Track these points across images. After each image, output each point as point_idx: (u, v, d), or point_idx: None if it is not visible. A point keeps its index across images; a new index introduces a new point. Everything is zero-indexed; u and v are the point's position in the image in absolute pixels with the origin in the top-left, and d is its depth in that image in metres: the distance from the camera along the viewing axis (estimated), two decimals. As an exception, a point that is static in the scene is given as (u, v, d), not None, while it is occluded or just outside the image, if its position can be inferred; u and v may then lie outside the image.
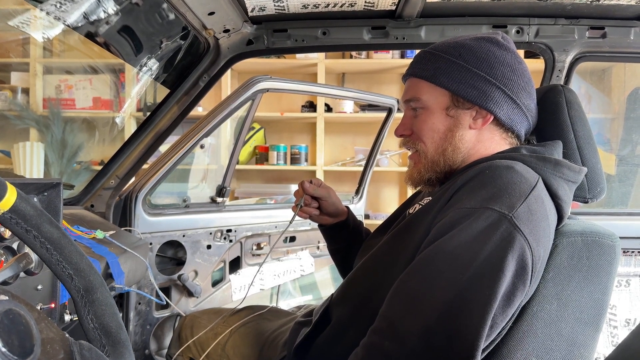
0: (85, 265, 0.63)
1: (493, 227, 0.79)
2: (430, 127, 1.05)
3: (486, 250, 0.78)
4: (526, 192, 0.84)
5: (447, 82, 1.02)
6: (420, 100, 1.06)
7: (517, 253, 0.79)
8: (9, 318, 0.49)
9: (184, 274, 2.05)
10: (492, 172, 0.89)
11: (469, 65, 1.01)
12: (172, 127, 1.82)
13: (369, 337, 0.84)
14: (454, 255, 0.80)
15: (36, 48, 3.75)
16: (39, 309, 0.73)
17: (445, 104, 1.03)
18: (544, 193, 0.90)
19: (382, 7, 1.58)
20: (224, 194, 2.25)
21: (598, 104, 3.50)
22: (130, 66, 3.65)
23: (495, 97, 1.00)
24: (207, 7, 1.44)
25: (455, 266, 0.79)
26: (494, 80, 1.00)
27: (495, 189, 0.85)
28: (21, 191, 0.58)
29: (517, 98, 1.01)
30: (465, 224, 0.81)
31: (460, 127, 1.03)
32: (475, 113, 1.02)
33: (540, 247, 0.82)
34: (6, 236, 0.98)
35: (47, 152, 3.58)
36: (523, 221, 0.80)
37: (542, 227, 0.83)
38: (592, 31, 1.64)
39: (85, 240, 1.41)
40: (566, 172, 0.95)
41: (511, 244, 0.78)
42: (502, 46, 1.04)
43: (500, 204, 0.81)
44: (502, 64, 1.01)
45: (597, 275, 0.91)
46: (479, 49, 1.02)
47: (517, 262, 0.79)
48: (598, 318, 0.91)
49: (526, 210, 0.81)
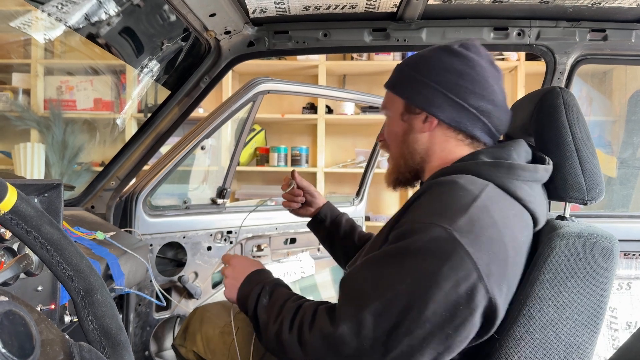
0: (85, 267, 0.63)
1: (435, 240, 0.86)
2: (392, 131, 1.18)
3: (426, 261, 0.85)
4: (467, 205, 0.89)
5: (401, 91, 1.15)
6: (386, 108, 1.20)
7: (457, 263, 0.83)
8: (9, 319, 0.48)
9: (184, 276, 2.05)
10: (439, 188, 0.96)
11: (418, 75, 1.11)
12: (173, 128, 1.82)
13: (321, 310, 0.95)
14: (398, 261, 0.88)
15: (37, 49, 3.75)
16: (39, 310, 0.73)
17: (400, 110, 1.15)
18: (494, 200, 0.93)
19: (383, 9, 1.58)
20: (224, 196, 2.25)
21: (599, 107, 3.50)
22: (131, 67, 3.65)
23: (437, 102, 1.08)
24: (208, 9, 1.44)
25: (396, 271, 0.88)
26: (438, 86, 1.08)
27: (440, 204, 0.92)
28: (22, 192, 0.58)
29: (464, 101, 1.06)
30: (412, 237, 0.88)
31: (413, 131, 1.13)
32: (425, 117, 1.10)
33: (485, 253, 0.85)
34: (6, 237, 0.98)
35: (48, 153, 3.58)
36: (463, 233, 0.85)
37: (489, 234, 0.87)
38: (593, 34, 1.64)
39: (86, 241, 1.41)
40: (521, 173, 0.99)
41: (450, 256, 0.84)
42: (454, 53, 1.09)
43: (443, 218, 0.87)
44: (448, 70, 1.08)
45: (594, 277, 0.91)
46: (431, 59, 1.11)
47: (456, 272, 0.83)
48: (596, 320, 0.91)
49: (467, 222, 0.86)
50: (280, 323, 0.98)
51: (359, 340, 0.87)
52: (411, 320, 0.84)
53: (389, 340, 0.86)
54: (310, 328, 0.93)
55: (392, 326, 0.85)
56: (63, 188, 1.03)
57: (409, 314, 0.84)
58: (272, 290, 1.08)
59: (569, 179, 1.03)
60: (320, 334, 0.91)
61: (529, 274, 0.92)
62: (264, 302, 1.05)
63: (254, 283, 1.11)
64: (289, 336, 0.96)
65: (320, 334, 0.91)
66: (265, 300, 1.06)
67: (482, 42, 1.66)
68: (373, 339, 0.86)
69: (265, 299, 1.06)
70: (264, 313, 1.04)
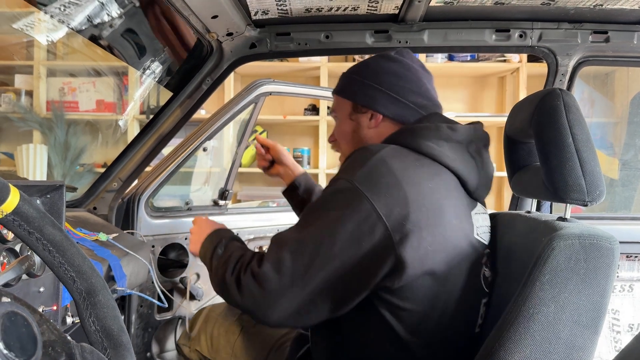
0: (87, 268, 0.63)
1: (339, 190, 1.04)
2: (342, 131, 1.31)
3: (333, 204, 1.03)
4: (366, 160, 1.04)
5: (348, 93, 1.29)
6: (334, 110, 1.34)
7: (356, 205, 0.99)
8: (11, 320, 0.49)
9: (186, 277, 2.05)
10: (352, 154, 1.13)
11: (361, 78, 1.26)
12: (175, 130, 1.82)
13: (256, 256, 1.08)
14: (312, 210, 1.07)
15: (40, 51, 3.76)
16: (41, 312, 0.73)
17: (348, 111, 1.29)
18: (393, 155, 1.07)
19: (385, 11, 1.58)
20: (226, 197, 2.25)
21: (601, 108, 3.49)
22: (133, 69, 3.65)
23: (381, 100, 1.23)
24: (210, 11, 1.44)
25: (311, 217, 1.05)
26: (380, 86, 1.23)
27: (348, 164, 1.10)
28: (24, 193, 0.58)
29: (403, 98, 1.22)
30: (325, 191, 1.08)
31: (362, 128, 1.27)
32: (371, 115, 1.25)
33: (383, 196, 0.99)
34: (9, 238, 0.98)
35: (50, 155, 3.59)
36: (362, 182, 1.01)
37: (386, 181, 1.01)
38: (595, 35, 1.64)
39: (88, 242, 1.41)
40: (425, 133, 1.13)
41: (351, 198, 1.00)
42: (391, 59, 1.25)
43: (346, 173, 1.05)
44: (388, 73, 1.23)
45: (595, 278, 0.91)
46: (372, 64, 1.27)
47: (358, 213, 0.98)
48: (597, 321, 0.91)
49: (365, 172, 1.02)
50: (225, 267, 1.10)
51: (280, 276, 1.00)
52: (322, 256, 0.98)
53: (306, 275, 0.99)
54: (245, 271, 1.05)
55: (308, 262, 0.99)
56: (65, 189, 1.03)
57: (320, 250, 0.98)
58: (227, 243, 1.20)
59: (569, 180, 1.03)
60: (250, 273, 1.03)
61: (529, 275, 0.92)
62: (219, 253, 1.17)
63: (214, 238, 1.24)
64: (230, 278, 1.07)
65: (250, 274, 1.03)
66: (220, 251, 1.18)
67: (483, 44, 1.67)
68: (292, 275, 0.99)
69: (221, 250, 1.18)
70: (216, 260, 1.16)
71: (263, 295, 1.01)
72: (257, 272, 1.02)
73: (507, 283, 1.13)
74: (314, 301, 1.01)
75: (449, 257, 1.04)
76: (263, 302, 1.02)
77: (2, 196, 0.55)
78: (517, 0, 1.48)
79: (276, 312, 1.01)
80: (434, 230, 1.02)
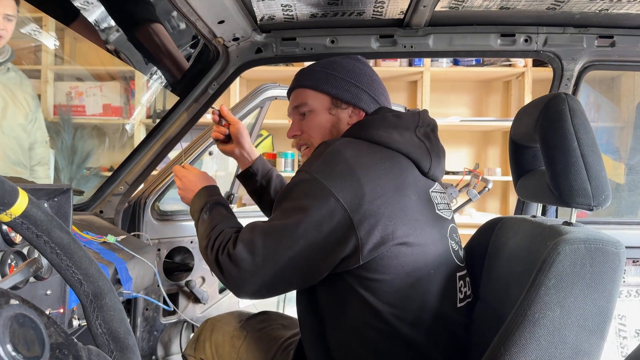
0: (94, 271, 0.63)
1: (301, 181, 1.12)
2: (318, 124, 1.34)
3: (295, 194, 1.11)
4: (322, 152, 1.13)
5: (327, 88, 1.32)
6: (307, 104, 1.34)
7: (316, 193, 1.07)
8: (19, 322, 0.49)
9: (191, 280, 2.06)
10: (314, 150, 1.21)
11: (341, 75, 1.32)
12: (181, 134, 1.83)
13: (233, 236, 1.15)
14: (279, 202, 1.15)
15: (48, 55, 3.79)
16: (48, 314, 0.74)
17: (327, 105, 1.33)
18: (347, 145, 1.15)
19: (391, 16, 1.59)
20: (231, 201, 2.26)
21: (607, 113, 3.48)
22: (140, 73, 3.68)
23: (364, 98, 1.31)
24: (217, 16, 1.45)
25: (278, 208, 1.14)
26: (362, 86, 1.32)
27: (309, 159, 1.18)
28: (32, 197, 0.59)
29: (378, 99, 1.33)
30: (289, 185, 1.15)
31: (341, 123, 1.33)
32: (351, 111, 1.32)
33: (339, 182, 1.07)
34: (17, 241, 0.99)
35: (57, 158, 3.60)
36: (319, 172, 1.10)
37: (340, 169, 1.09)
38: (601, 40, 1.64)
39: (95, 245, 1.42)
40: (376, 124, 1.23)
41: (310, 187, 1.09)
42: (362, 62, 1.36)
43: (306, 166, 1.14)
44: (365, 74, 1.33)
45: (601, 283, 0.91)
46: (347, 64, 1.34)
47: (316, 198, 1.07)
48: (603, 326, 0.91)
49: (321, 163, 1.11)
50: (207, 240, 1.19)
51: (253, 256, 1.08)
52: (289, 237, 1.07)
53: (276, 256, 1.07)
54: (222, 251, 1.13)
55: (276, 243, 1.08)
56: (72, 193, 1.04)
57: (286, 232, 1.07)
58: (211, 207, 1.28)
59: (574, 185, 1.03)
60: (227, 254, 1.12)
61: (534, 279, 0.92)
62: (204, 217, 1.26)
63: (202, 198, 1.32)
64: (210, 254, 1.16)
65: (227, 255, 1.12)
66: (205, 216, 1.26)
67: (489, 49, 1.67)
68: (263, 255, 1.08)
69: (206, 215, 1.27)
70: (201, 226, 1.25)
71: (239, 274, 1.10)
72: (232, 254, 1.10)
73: (513, 287, 1.13)
74: (284, 276, 1.10)
75: (411, 229, 1.11)
76: (239, 280, 1.11)
77: (11, 199, 0.56)
78: (523, 5, 1.48)
79: (250, 287, 1.11)
80: (392, 206, 1.09)
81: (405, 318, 1.11)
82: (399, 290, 1.10)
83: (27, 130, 2.58)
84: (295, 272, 1.10)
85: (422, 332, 1.12)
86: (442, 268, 1.16)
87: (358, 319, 1.13)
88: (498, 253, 1.28)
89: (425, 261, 1.13)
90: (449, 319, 1.16)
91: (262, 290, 1.12)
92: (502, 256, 1.25)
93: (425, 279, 1.13)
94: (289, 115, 1.43)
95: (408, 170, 1.18)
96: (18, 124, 2.51)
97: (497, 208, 3.92)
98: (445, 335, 1.16)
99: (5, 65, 2.46)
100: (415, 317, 1.12)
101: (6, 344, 0.46)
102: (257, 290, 1.12)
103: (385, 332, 1.11)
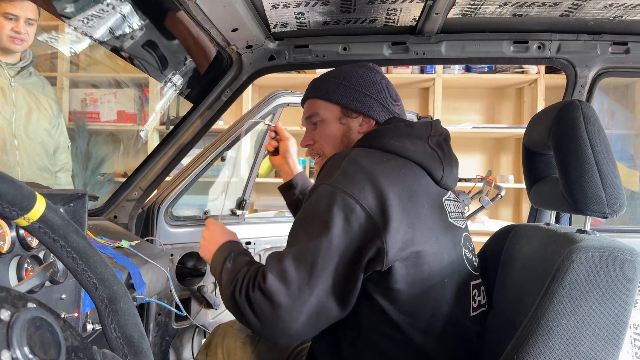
0: (109, 275, 0.64)
1: (323, 194, 1.10)
2: (329, 134, 1.36)
3: (319, 208, 1.09)
4: (339, 163, 1.13)
5: (337, 98, 1.33)
6: (318, 114, 1.37)
7: (340, 202, 1.06)
8: (36, 326, 0.50)
9: (203, 286, 2.06)
10: (326, 162, 1.21)
11: (351, 85, 1.33)
12: (194, 140, 1.84)
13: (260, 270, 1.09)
14: (302, 219, 1.13)
15: (63, 62, 3.84)
16: (64, 318, 0.74)
17: (338, 115, 1.35)
18: (362, 155, 1.16)
19: (403, 23, 1.59)
20: (243, 207, 2.27)
21: (621, 120, 3.45)
22: (154, 80, 3.71)
23: (374, 107, 1.32)
24: (231, 24, 1.46)
25: (303, 225, 1.11)
26: (372, 94, 1.32)
27: (325, 170, 1.17)
28: (50, 202, 0.60)
29: (389, 106, 1.33)
30: (309, 199, 1.14)
31: (351, 132, 1.34)
32: (361, 120, 1.33)
33: (359, 190, 1.07)
34: (33, 245, 1.00)
35: (72, 164, 3.64)
36: (340, 182, 1.09)
37: (359, 177, 1.09)
38: (615, 47, 1.63)
39: (109, 250, 1.43)
40: (388, 133, 1.24)
41: (335, 200, 1.07)
42: (373, 70, 1.37)
43: (326, 178, 1.12)
44: (375, 82, 1.34)
45: (615, 291, 0.90)
46: (357, 73, 1.35)
47: (342, 208, 1.06)
48: (618, 335, 0.90)
49: (341, 174, 1.10)
50: (234, 285, 1.11)
51: (287, 286, 1.02)
52: (323, 257, 1.03)
53: (311, 280, 1.03)
54: (253, 288, 1.06)
55: (310, 266, 1.03)
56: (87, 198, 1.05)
57: (320, 252, 1.03)
58: (235, 257, 1.22)
59: (588, 192, 1.02)
60: (259, 290, 1.04)
61: (548, 287, 0.91)
62: (228, 267, 1.20)
63: (225, 250, 1.26)
64: (239, 296, 1.08)
65: (259, 290, 1.04)
66: (229, 265, 1.20)
67: (501, 56, 1.67)
68: (298, 282, 1.02)
69: (230, 264, 1.21)
70: (225, 275, 1.18)
71: (275, 311, 1.02)
72: (264, 288, 1.03)
73: (526, 295, 1.12)
74: (322, 304, 1.04)
75: (425, 237, 1.10)
76: (275, 319, 1.03)
77: (29, 204, 0.57)
78: (536, 12, 1.47)
79: (290, 326, 1.02)
80: (409, 213, 1.09)
81: (418, 326, 1.10)
82: (413, 298, 1.10)
83: (52, 135, 2.62)
84: (332, 294, 1.05)
85: (434, 340, 1.11)
86: (454, 276, 1.16)
87: (373, 329, 1.12)
88: (511, 261, 1.27)
89: (438, 269, 1.12)
90: (461, 328, 1.16)
91: (299, 328, 1.03)
92: (516, 264, 1.24)
93: (438, 287, 1.12)
94: (303, 124, 1.44)
95: (421, 178, 1.18)
96: (43, 128, 2.55)
97: (510, 215, 3.89)
98: (458, 343, 1.15)
99: (27, 70, 2.50)
100: (428, 325, 1.11)
101: (23, 346, 0.47)
102: (297, 329, 1.03)
103: (399, 341, 1.11)
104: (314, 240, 1.05)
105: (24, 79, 2.48)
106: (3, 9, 2.32)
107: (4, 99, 2.39)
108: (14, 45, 2.37)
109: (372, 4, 1.45)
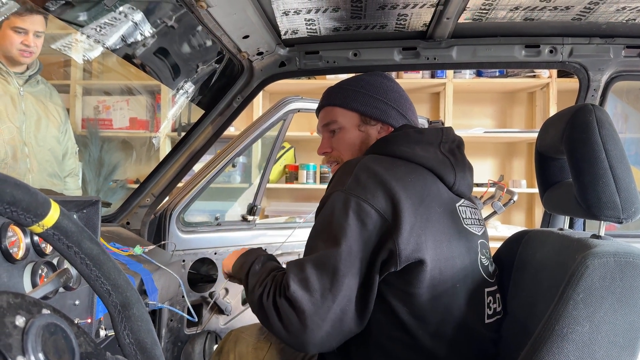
0: (122, 282, 0.64)
1: (337, 200, 1.11)
2: (348, 141, 1.37)
3: (335, 215, 1.10)
4: (352, 170, 1.14)
5: (356, 105, 1.34)
6: (337, 122, 1.37)
7: (355, 207, 1.08)
8: (51, 332, 0.50)
9: (215, 292, 2.07)
10: (337, 170, 1.22)
11: (369, 93, 1.34)
12: (206, 146, 1.85)
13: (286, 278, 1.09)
14: (319, 228, 1.14)
15: (76, 70, 3.88)
16: (77, 324, 0.75)
17: (357, 122, 1.36)
18: (373, 161, 1.16)
19: (413, 28, 1.59)
20: (254, 213, 2.27)
21: (635, 124, 3.41)
22: (166, 88, 3.74)
23: (392, 114, 1.34)
24: (242, 31, 1.47)
25: (321, 234, 1.12)
26: (390, 102, 1.34)
27: (337, 177, 1.18)
28: (63, 208, 0.60)
29: (405, 113, 1.36)
30: (324, 207, 1.15)
31: (370, 139, 1.35)
32: (380, 127, 1.35)
33: (371, 195, 1.09)
34: (47, 252, 1.01)
35: (85, 171, 3.68)
36: (353, 188, 1.10)
37: (372, 183, 1.10)
38: (628, 50, 1.61)
39: (121, 256, 1.44)
40: (398, 140, 1.25)
41: (349, 205, 1.09)
42: (388, 78, 1.39)
43: (339, 185, 1.14)
44: (392, 90, 1.36)
45: (631, 297, 0.89)
46: (374, 81, 1.37)
47: (357, 213, 1.07)
48: (634, 342, 0.88)
49: (354, 180, 1.12)
50: (263, 288, 1.12)
51: (310, 293, 1.04)
52: (344, 263, 1.04)
53: (334, 286, 1.04)
54: (280, 294, 1.08)
55: (332, 273, 1.04)
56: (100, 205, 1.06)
57: (340, 257, 1.04)
58: (264, 261, 1.24)
59: (602, 197, 1.01)
60: (284, 297, 1.06)
61: (562, 293, 0.90)
62: (256, 269, 1.21)
63: (252, 255, 1.28)
64: (267, 300, 1.09)
65: (284, 298, 1.06)
66: (257, 267, 1.22)
67: (513, 60, 1.66)
68: (321, 289, 1.04)
69: (258, 266, 1.22)
70: (253, 277, 1.19)
71: (299, 319, 1.04)
72: (288, 295, 1.04)
73: (540, 301, 1.11)
74: (345, 311, 1.05)
75: (437, 241, 1.11)
76: (300, 327, 1.04)
77: (43, 211, 0.57)
78: (547, 16, 1.47)
79: (314, 334, 1.04)
80: (421, 216, 1.10)
81: (428, 330, 1.10)
82: (424, 302, 1.09)
83: (60, 141, 2.65)
84: (354, 300, 1.06)
85: (445, 345, 1.11)
86: (467, 282, 1.15)
87: (383, 332, 1.12)
88: (525, 266, 1.26)
89: (450, 274, 1.11)
90: (475, 334, 1.15)
91: (323, 337, 1.05)
92: (529, 269, 1.23)
93: (449, 292, 1.12)
94: (319, 132, 1.45)
95: (432, 184, 1.18)
96: (52, 135, 2.58)
97: (523, 221, 3.86)
98: (472, 349, 1.14)
99: (35, 78, 2.53)
100: (437, 329, 1.11)
101: (38, 352, 0.47)
102: (321, 338, 1.05)
103: (409, 345, 1.10)
104: (333, 247, 1.06)
105: (32, 87, 2.52)
106: (13, 23, 2.36)
107: (13, 107, 2.43)
108: (23, 59, 2.41)
109: (382, 10, 1.45)
